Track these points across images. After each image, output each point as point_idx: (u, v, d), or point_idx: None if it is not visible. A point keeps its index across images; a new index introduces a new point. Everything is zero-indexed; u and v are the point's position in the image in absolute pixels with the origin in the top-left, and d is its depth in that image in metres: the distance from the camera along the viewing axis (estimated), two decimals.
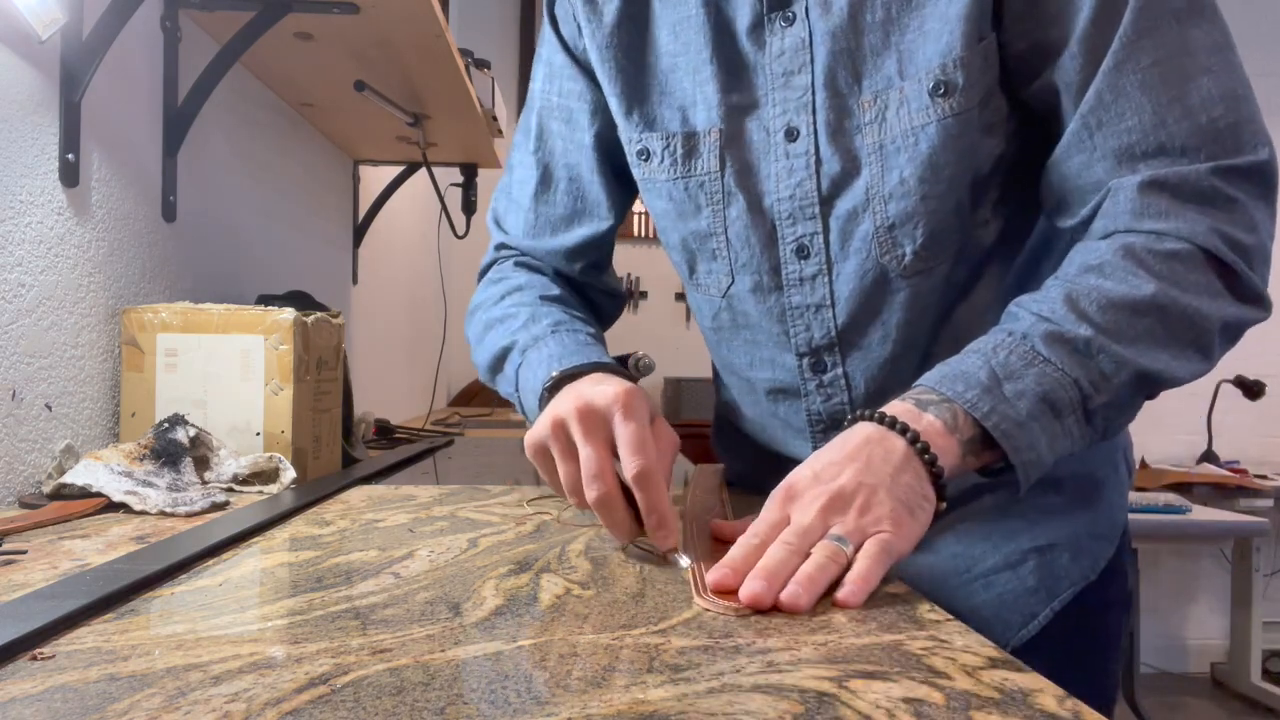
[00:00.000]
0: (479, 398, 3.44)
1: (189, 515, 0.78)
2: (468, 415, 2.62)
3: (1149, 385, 0.63)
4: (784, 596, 0.50)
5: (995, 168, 0.73)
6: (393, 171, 2.13)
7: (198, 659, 0.42)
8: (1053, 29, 0.67)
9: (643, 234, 3.68)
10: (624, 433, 0.63)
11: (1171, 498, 2.73)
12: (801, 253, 0.78)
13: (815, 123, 0.75)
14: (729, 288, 0.83)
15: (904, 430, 0.59)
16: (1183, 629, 3.80)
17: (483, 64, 1.85)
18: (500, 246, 0.96)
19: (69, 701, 0.37)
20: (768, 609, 0.50)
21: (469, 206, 2.12)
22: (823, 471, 0.59)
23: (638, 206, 3.66)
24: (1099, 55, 0.65)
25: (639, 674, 0.40)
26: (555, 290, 0.89)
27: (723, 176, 0.79)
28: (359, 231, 2.09)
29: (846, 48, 0.73)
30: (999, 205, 0.75)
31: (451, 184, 2.07)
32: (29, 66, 0.89)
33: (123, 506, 0.81)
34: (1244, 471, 3.36)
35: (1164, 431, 3.77)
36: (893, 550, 0.55)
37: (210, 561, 0.62)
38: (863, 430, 0.61)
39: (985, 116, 0.71)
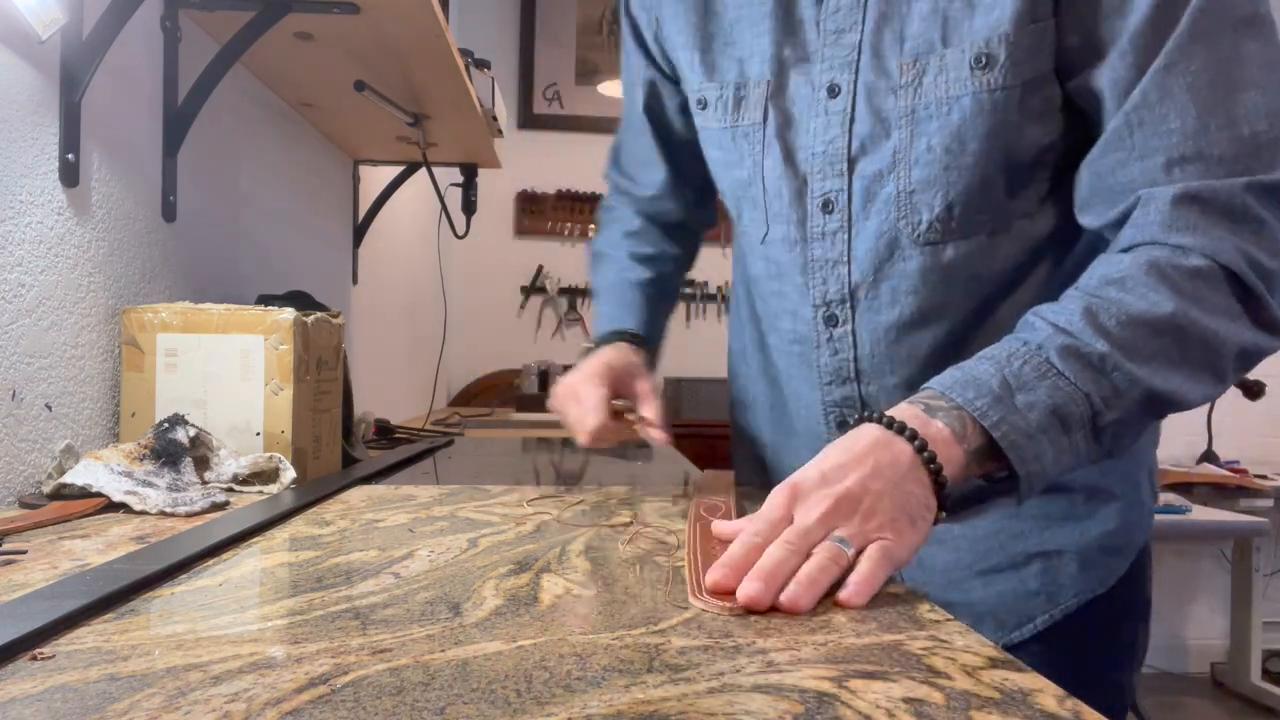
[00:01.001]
0: (479, 398, 3.44)
1: (189, 515, 0.78)
2: (468, 415, 2.62)
3: (1160, 405, 0.63)
4: (784, 597, 0.50)
5: (1040, 158, 0.73)
6: (393, 171, 2.13)
7: (198, 659, 0.42)
8: (1106, 24, 0.66)
9: None
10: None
11: (1171, 498, 2.73)
12: (826, 207, 0.80)
13: (856, 82, 0.76)
14: (764, 236, 0.86)
15: (912, 436, 0.59)
16: (1183, 629, 3.80)
17: (483, 64, 1.85)
18: (609, 179, 1.12)
19: (69, 701, 0.37)
20: (765, 610, 0.50)
21: (469, 206, 2.12)
22: (830, 473, 0.58)
23: None
24: (1150, 55, 0.65)
25: (639, 674, 0.40)
26: (636, 225, 1.06)
27: (764, 127, 0.82)
28: (359, 231, 2.09)
29: (895, 9, 0.74)
30: (1050, 200, 0.75)
31: (451, 184, 2.06)
32: (29, 66, 0.89)
33: (123, 506, 0.81)
34: (1244, 471, 3.35)
35: (1164, 431, 3.76)
36: (894, 557, 0.55)
37: (210, 561, 0.62)
38: (870, 433, 0.60)
39: (1031, 102, 0.70)
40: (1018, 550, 0.78)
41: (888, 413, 0.61)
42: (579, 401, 0.85)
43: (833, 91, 0.78)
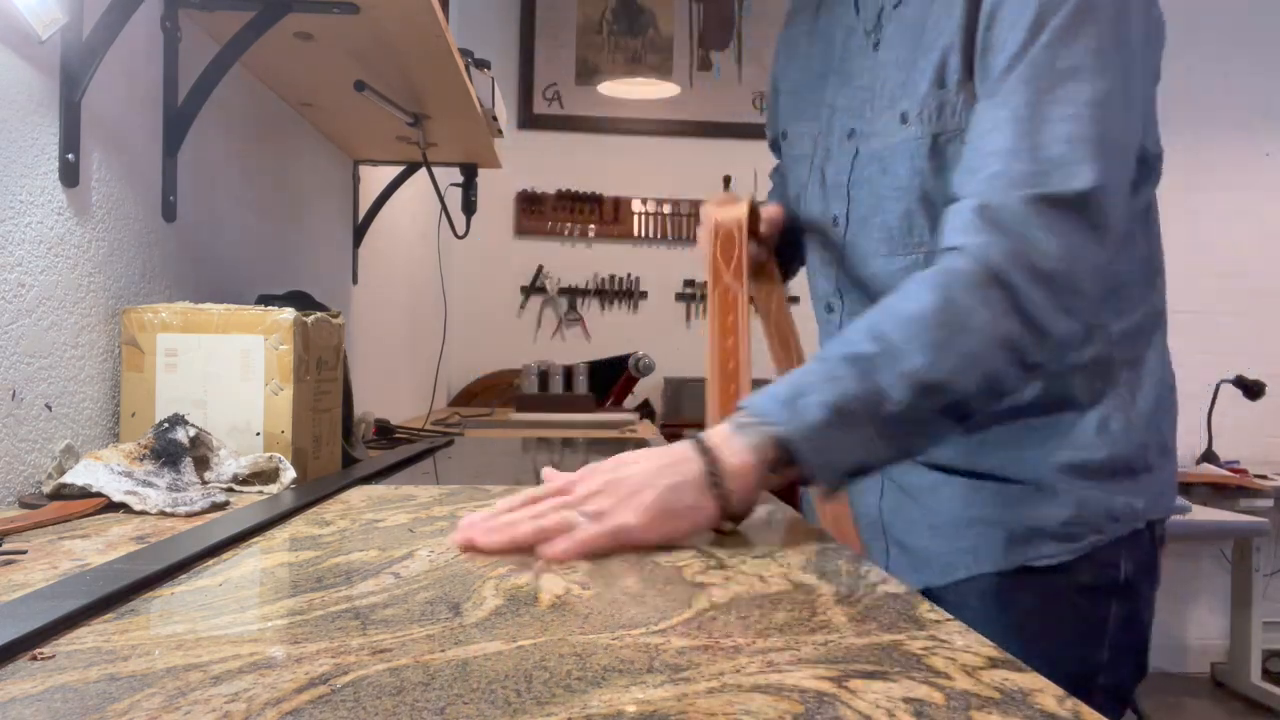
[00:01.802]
0: (479, 398, 3.44)
1: (189, 515, 0.78)
2: (468, 415, 2.62)
3: (939, 395, 0.71)
4: (470, 534, 0.65)
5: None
6: (393, 171, 2.13)
7: (198, 659, 0.42)
8: (979, 75, 0.83)
9: (643, 234, 3.68)
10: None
11: None
12: (835, 223, 0.99)
13: (860, 131, 0.96)
14: (811, 238, 1.06)
15: (710, 460, 0.68)
16: (1183, 629, 3.80)
17: (483, 64, 1.85)
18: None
19: (69, 701, 0.37)
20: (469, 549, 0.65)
21: (469, 206, 2.12)
22: (624, 462, 0.69)
23: (638, 208, 3.66)
24: (996, 93, 0.80)
25: (639, 674, 0.40)
26: None
27: (813, 158, 1.02)
28: (359, 231, 2.09)
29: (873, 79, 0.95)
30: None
31: (451, 184, 2.06)
32: (29, 66, 0.89)
33: (123, 506, 0.81)
34: (1244, 471, 3.35)
35: None
36: (621, 536, 0.65)
37: (210, 561, 0.62)
38: (681, 446, 0.70)
39: (931, 149, 0.87)
40: (960, 516, 0.91)
41: (703, 434, 0.71)
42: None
43: (849, 135, 0.97)
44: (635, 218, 3.68)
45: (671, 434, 2.83)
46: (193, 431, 0.93)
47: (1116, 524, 0.88)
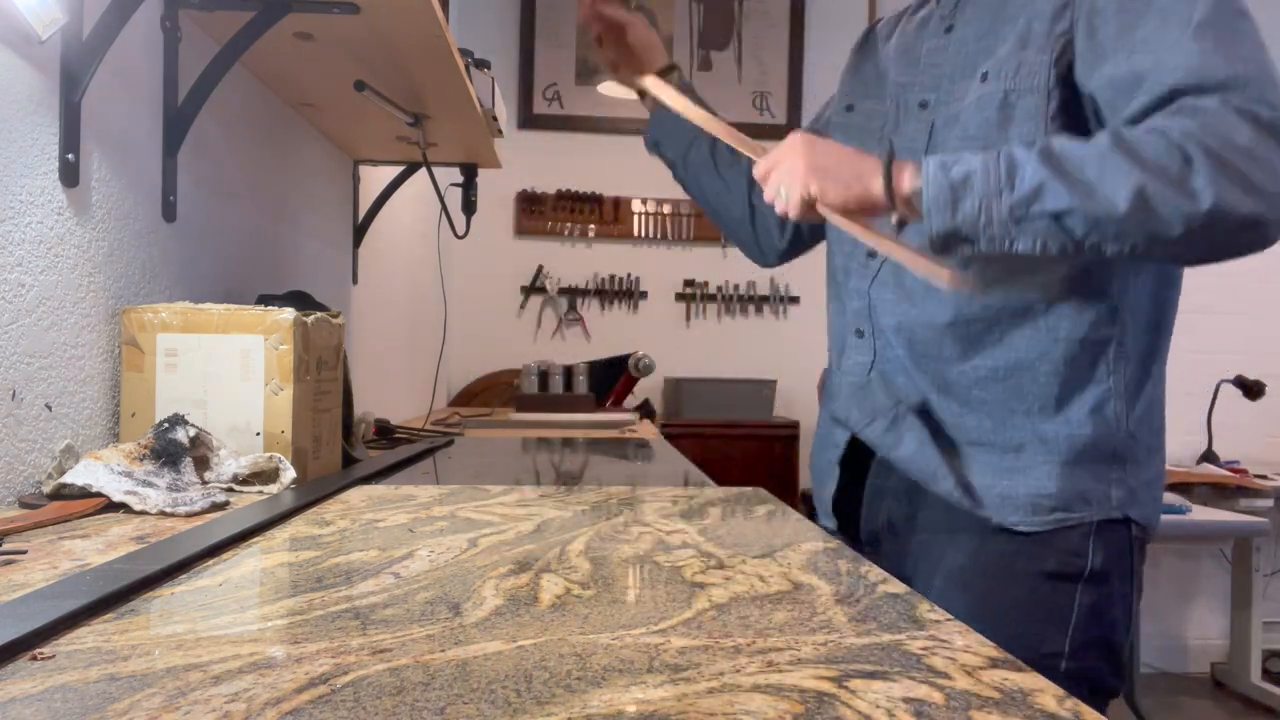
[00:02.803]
0: (479, 398, 3.44)
1: (189, 515, 0.78)
2: (468, 415, 2.62)
3: (1053, 199, 0.79)
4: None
5: None
6: (393, 171, 2.13)
7: (198, 659, 0.42)
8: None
9: (643, 234, 3.68)
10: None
11: (1171, 498, 2.72)
12: None
13: (935, 102, 1.01)
14: None
15: (887, 160, 0.85)
16: (1183, 629, 3.79)
17: (483, 64, 1.85)
18: None
19: (69, 701, 0.37)
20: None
21: (469, 206, 2.12)
22: (805, 142, 0.90)
23: (638, 208, 3.66)
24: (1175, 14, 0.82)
25: (639, 674, 0.40)
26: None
27: (882, 130, 1.06)
28: (359, 231, 2.09)
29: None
30: None
31: (451, 184, 2.06)
32: (29, 66, 0.89)
33: (123, 506, 0.81)
34: (1244, 471, 3.35)
35: (1164, 431, 3.77)
36: (809, 191, 0.87)
37: (210, 561, 0.62)
38: (862, 155, 0.89)
39: (1003, 103, 0.94)
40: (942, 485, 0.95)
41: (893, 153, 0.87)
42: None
43: (923, 106, 1.02)
44: (635, 218, 3.68)
45: (672, 434, 2.83)
46: (193, 431, 0.93)
47: (1087, 507, 0.91)
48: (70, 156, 0.94)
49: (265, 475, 0.95)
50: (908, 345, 0.98)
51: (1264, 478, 3.32)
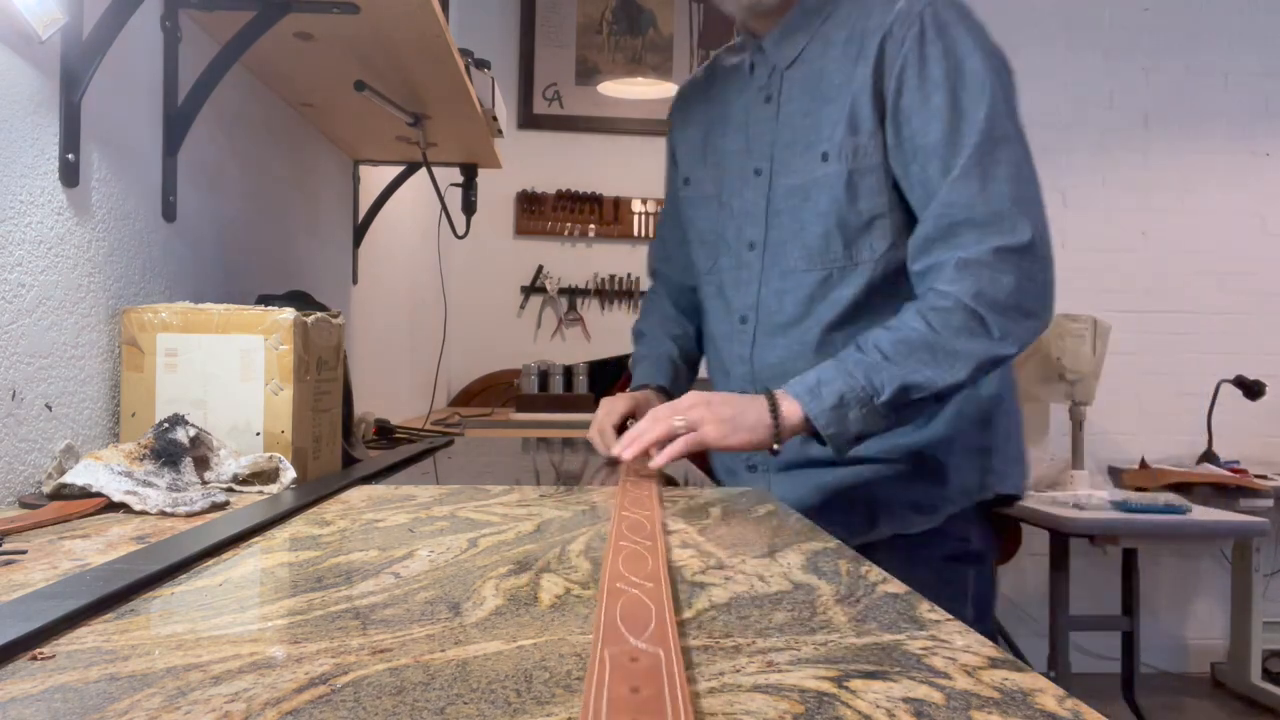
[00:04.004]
0: (479, 398, 3.44)
1: (189, 515, 0.78)
2: (468, 415, 2.62)
3: (918, 390, 0.99)
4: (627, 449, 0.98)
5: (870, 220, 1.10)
6: (393, 171, 2.13)
7: (198, 659, 0.42)
8: (913, 142, 1.05)
9: (643, 234, 3.68)
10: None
11: (1171, 498, 2.72)
12: (751, 247, 1.19)
13: (769, 170, 1.17)
14: (724, 262, 1.27)
15: (771, 400, 1.00)
16: (1183, 629, 3.79)
17: (483, 64, 1.85)
18: (651, 270, 1.49)
19: (69, 701, 0.37)
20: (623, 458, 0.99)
21: (469, 206, 2.12)
22: (713, 396, 1.02)
23: (638, 208, 3.66)
24: (942, 161, 1.03)
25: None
26: (671, 313, 1.41)
27: (719, 196, 1.23)
28: (359, 231, 2.09)
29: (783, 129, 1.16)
30: (885, 251, 1.11)
31: (451, 184, 2.06)
32: (29, 66, 0.89)
33: (123, 506, 0.81)
34: (1244, 471, 3.35)
35: (1164, 431, 3.77)
36: (706, 440, 0.98)
37: (210, 561, 0.62)
38: (756, 394, 1.02)
39: (848, 182, 1.09)
40: (845, 495, 1.14)
41: (773, 390, 1.01)
42: (601, 429, 1.22)
43: (759, 173, 1.17)
44: (635, 218, 3.68)
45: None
46: (193, 431, 0.93)
47: (965, 497, 1.13)
48: (70, 156, 0.94)
49: (265, 475, 0.95)
50: None
51: (1264, 478, 3.32)
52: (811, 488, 1.15)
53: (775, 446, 0.99)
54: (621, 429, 1.19)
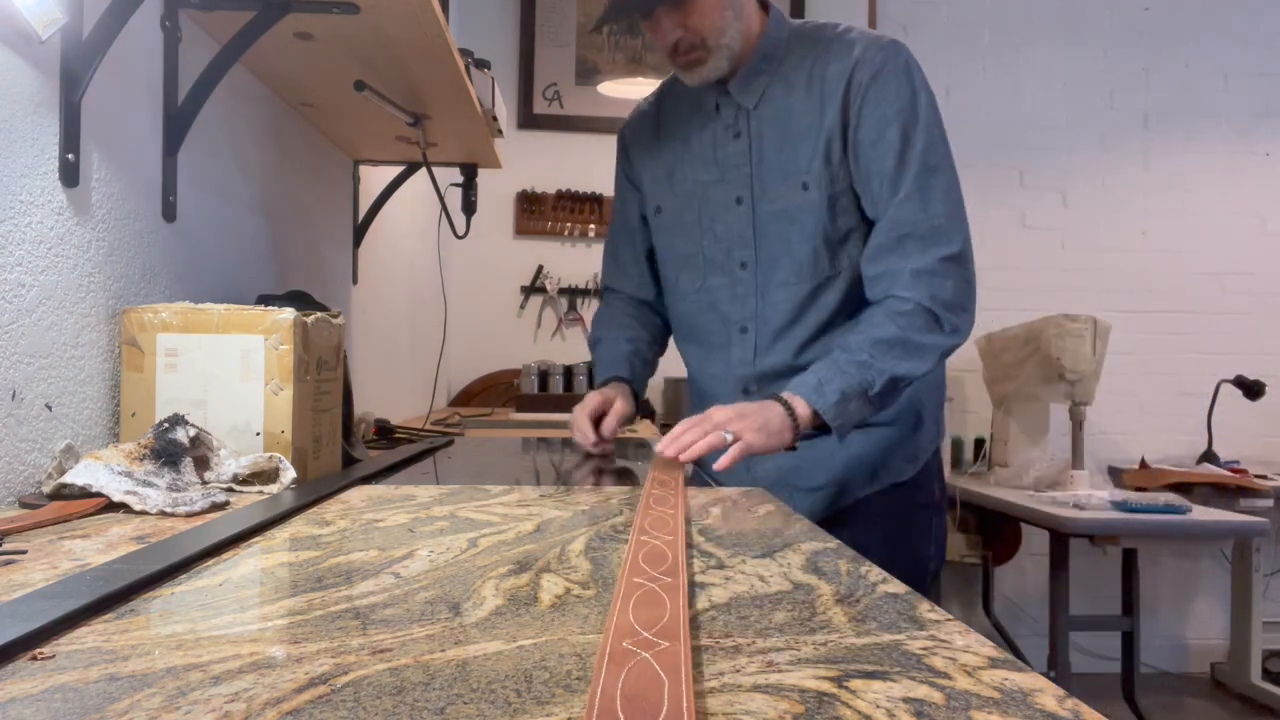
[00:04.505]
0: (479, 398, 3.44)
1: (189, 515, 0.78)
2: (468, 415, 2.62)
3: (901, 380, 1.18)
4: (673, 449, 1.11)
5: (845, 236, 1.28)
6: (393, 171, 2.13)
7: (198, 659, 0.42)
8: (870, 168, 1.24)
9: None
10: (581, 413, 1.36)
11: (1171, 498, 2.72)
12: (743, 266, 1.34)
13: (750, 198, 1.31)
14: (715, 281, 1.43)
15: (787, 407, 1.15)
16: (1183, 629, 3.79)
17: (483, 64, 1.85)
18: (604, 280, 1.60)
19: (69, 701, 0.37)
20: (672, 455, 1.10)
21: (469, 206, 2.12)
22: (739, 407, 1.16)
23: None
24: (890, 183, 1.23)
25: None
26: (625, 320, 1.50)
27: (700, 222, 1.36)
28: (359, 231, 2.09)
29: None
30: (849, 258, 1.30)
31: (451, 184, 2.06)
32: (29, 66, 0.89)
33: (123, 506, 0.81)
34: (1244, 471, 3.35)
35: (1164, 431, 3.77)
36: (752, 447, 1.11)
37: (210, 561, 0.62)
38: (768, 401, 1.17)
39: (829, 205, 1.25)
40: (854, 456, 1.32)
41: (780, 394, 1.17)
42: (579, 425, 1.34)
43: (739, 201, 1.32)
44: None
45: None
46: (193, 431, 0.93)
47: (930, 444, 1.37)
48: (70, 156, 0.94)
49: (265, 475, 0.95)
50: None
51: (1264, 478, 3.32)
52: (828, 453, 1.33)
53: (795, 445, 1.17)
54: (597, 423, 1.33)
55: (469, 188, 2.12)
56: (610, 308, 1.54)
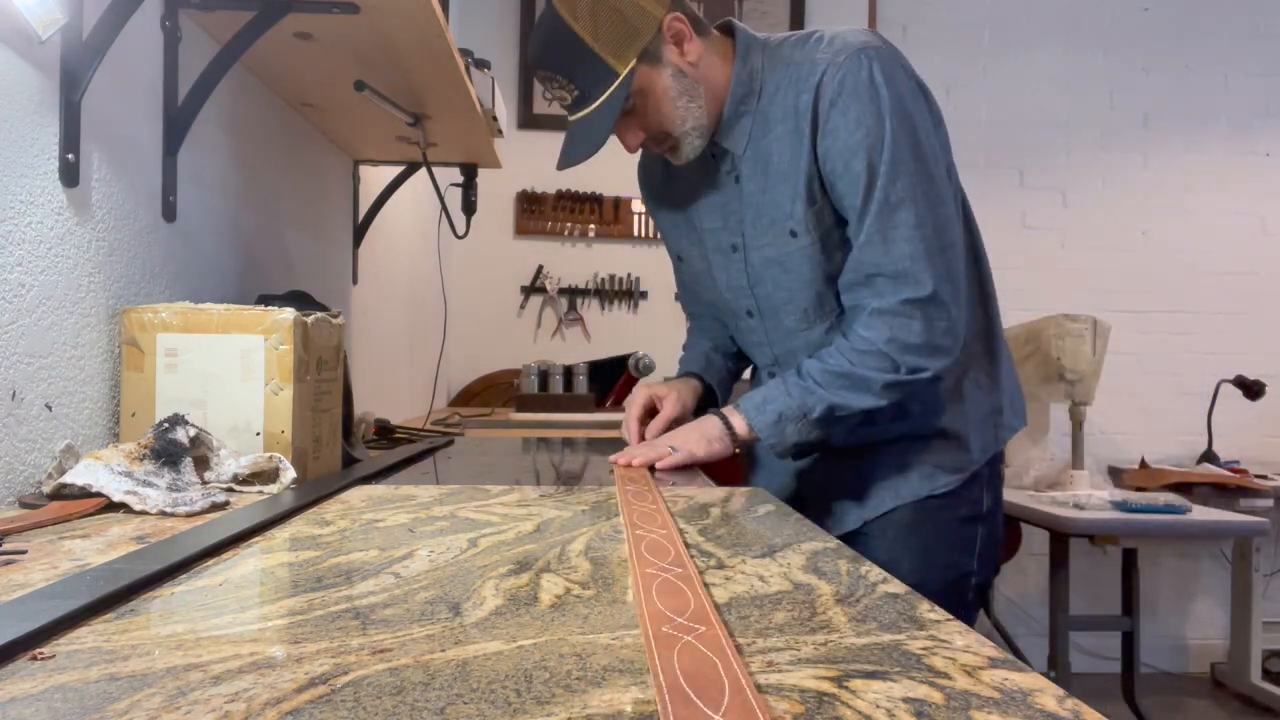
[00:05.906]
0: (479, 398, 3.44)
1: (189, 515, 0.78)
2: (468, 415, 2.62)
3: (840, 410, 1.19)
4: (624, 458, 1.21)
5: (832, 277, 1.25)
6: (393, 171, 2.13)
7: (198, 659, 0.42)
8: (845, 205, 1.19)
9: (643, 234, 3.68)
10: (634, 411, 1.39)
11: (1171, 498, 2.72)
12: (749, 315, 1.35)
13: (743, 245, 1.30)
14: (734, 329, 1.48)
15: (724, 420, 1.24)
16: (1183, 629, 3.79)
17: (483, 64, 1.85)
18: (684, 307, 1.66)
19: (69, 701, 0.37)
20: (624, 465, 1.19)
21: (469, 206, 2.12)
22: (679, 429, 1.29)
23: (638, 208, 3.66)
24: (859, 220, 1.18)
25: (639, 674, 0.40)
26: (708, 343, 1.54)
27: (710, 270, 1.37)
28: (359, 231, 2.09)
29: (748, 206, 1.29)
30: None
31: (451, 184, 2.06)
32: (29, 66, 0.89)
33: (123, 506, 0.81)
34: (1244, 471, 3.35)
35: (1164, 431, 3.77)
36: (695, 455, 1.22)
37: (210, 561, 0.62)
38: (708, 415, 1.26)
39: (822, 247, 1.22)
40: (884, 466, 1.31)
41: (721, 409, 1.26)
42: (626, 424, 1.39)
43: (734, 249, 1.31)
44: (635, 218, 3.68)
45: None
46: (193, 431, 0.93)
47: (983, 454, 1.30)
48: (70, 156, 0.94)
49: (265, 475, 0.95)
50: None
51: (1264, 478, 3.32)
52: (865, 466, 1.33)
53: (736, 450, 1.25)
54: (647, 418, 1.38)
55: (469, 188, 2.12)
56: (698, 323, 1.57)
